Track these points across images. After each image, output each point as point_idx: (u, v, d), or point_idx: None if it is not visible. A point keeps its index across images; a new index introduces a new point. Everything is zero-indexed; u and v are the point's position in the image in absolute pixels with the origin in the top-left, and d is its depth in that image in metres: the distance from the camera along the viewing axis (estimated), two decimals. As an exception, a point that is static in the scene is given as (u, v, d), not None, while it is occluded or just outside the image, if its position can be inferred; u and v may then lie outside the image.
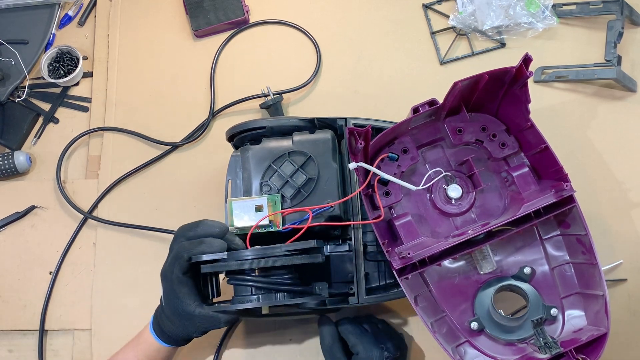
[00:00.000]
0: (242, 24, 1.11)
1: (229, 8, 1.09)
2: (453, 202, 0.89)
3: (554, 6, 1.05)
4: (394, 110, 0.99)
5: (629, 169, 0.99)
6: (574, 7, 1.05)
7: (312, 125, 0.92)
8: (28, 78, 1.09)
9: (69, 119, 1.09)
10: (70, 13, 1.13)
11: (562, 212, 0.84)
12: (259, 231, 0.85)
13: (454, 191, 0.89)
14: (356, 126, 0.89)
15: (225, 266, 0.79)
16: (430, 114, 0.89)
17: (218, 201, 0.97)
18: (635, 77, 1.02)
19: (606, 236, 0.96)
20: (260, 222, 0.84)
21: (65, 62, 1.09)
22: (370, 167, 0.83)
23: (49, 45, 1.12)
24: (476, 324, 0.86)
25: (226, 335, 0.97)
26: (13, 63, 1.09)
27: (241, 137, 0.92)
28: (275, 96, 1.04)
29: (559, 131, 1.00)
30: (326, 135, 0.90)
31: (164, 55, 1.11)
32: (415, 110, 0.86)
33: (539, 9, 1.04)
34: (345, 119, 0.93)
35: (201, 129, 1.06)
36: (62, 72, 1.09)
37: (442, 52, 1.07)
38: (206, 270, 0.80)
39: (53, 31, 1.12)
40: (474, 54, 1.06)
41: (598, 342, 0.80)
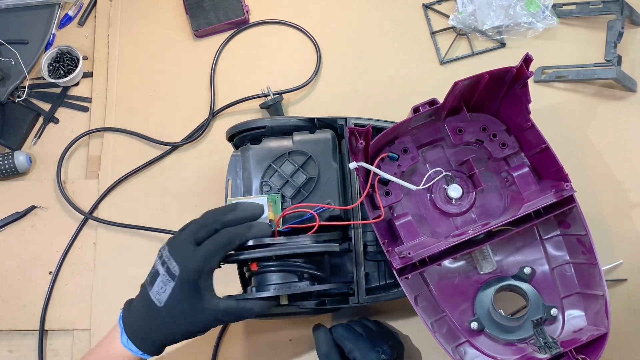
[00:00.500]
0: (242, 24, 1.11)
1: (229, 8, 1.09)
2: (453, 202, 0.90)
3: (554, 6, 1.05)
4: (394, 110, 0.99)
5: (629, 169, 0.99)
6: (574, 7, 1.05)
7: (312, 125, 0.92)
8: (28, 78, 1.09)
9: (69, 119, 1.09)
10: (70, 13, 1.13)
11: (562, 212, 0.84)
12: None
13: (454, 191, 0.89)
14: (356, 126, 0.89)
15: (281, 249, 0.76)
16: (430, 114, 0.89)
17: (218, 201, 0.97)
18: (635, 77, 1.02)
19: (606, 236, 0.96)
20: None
21: (65, 62, 1.09)
22: (370, 167, 0.83)
23: (49, 45, 1.12)
24: (476, 324, 0.86)
25: (222, 335, 0.97)
26: (13, 63, 1.09)
27: (241, 137, 0.92)
28: (275, 96, 1.04)
29: (559, 131, 1.01)
30: (326, 135, 0.90)
31: (164, 55, 1.11)
32: (416, 110, 0.86)
33: (539, 9, 1.04)
34: (346, 118, 0.93)
35: (201, 129, 1.06)
36: (62, 72, 1.09)
37: (442, 52, 1.07)
38: (255, 255, 0.76)
39: (53, 31, 1.12)
40: (474, 54, 1.06)
41: (598, 342, 0.80)
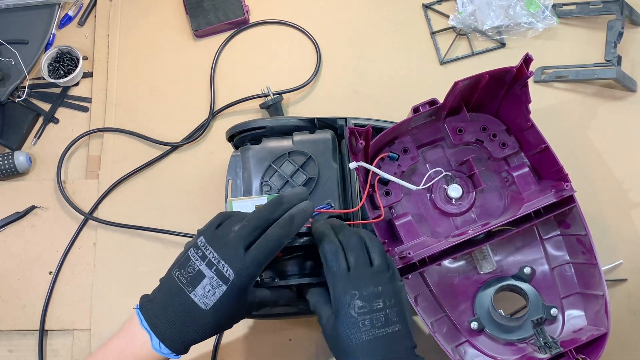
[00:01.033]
0: (242, 24, 1.11)
1: (229, 8, 1.09)
2: (453, 202, 0.90)
3: (554, 6, 1.05)
4: (394, 110, 0.99)
5: (629, 169, 0.99)
6: (574, 7, 1.05)
7: (312, 125, 0.92)
8: (28, 78, 1.09)
9: (69, 119, 1.09)
10: (70, 13, 1.13)
11: (562, 212, 0.84)
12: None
13: (454, 191, 0.89)
14: (356, 126, 0.89)
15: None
16: (430, 114, 0.89)
17: (218, 201, 0.97)
18: (635, 77, 1.02)
19: (606, 236, 0.96)
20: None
21: (65, 62, 1.09)
22: (370, 167, 0.83)
23: (49, 45, 1.12)
24: (476, 323, 0.86)
25: (221, 335, 0.97)
26: (13, 63, 1.09)
27: (241, 137, 0.92)
28: (275, 96, 1.04)
29: (559, 131, 1.01)
30: (326, 135, 0.90)
31: (164, 55, 1.11)
32: (416, 110, 0.86)
33: (539, 9, 1.04)
34: (346, 118, 0.93)
35: (201, 129, 1.06)
36: (62, 72, 1.09)
37: (442, 52, 1.07)
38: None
39: (53, 31, 1.12)
40: (474, 54, 1.06)
41: (598, 342, 0.80)
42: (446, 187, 0.89)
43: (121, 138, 1.07)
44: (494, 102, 0.89)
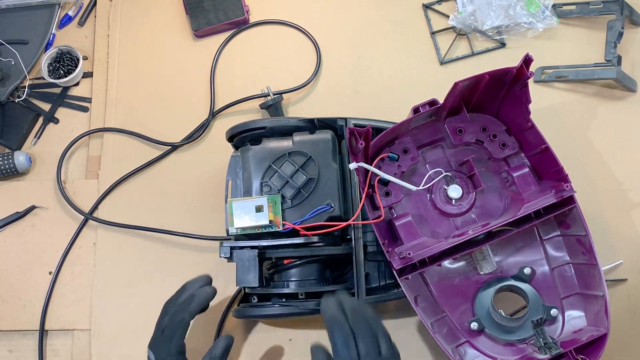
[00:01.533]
0: (242, 24, 1.11)
1: (229, 8, 1.09)
2: (453, 203, 0.90)
3: (554, 6, 1.05)
4: (394, 110, 0.99)
5: (629, 169, 0.99)
6: (574, 7, 1.05)
7: (312, 125, 0.92)
8: (28, 78, 1.09)
9: (69, 119, 1.09)
10: (70, 13, 1.13)
11: (562, 212, 0.84)
12: (258, 231, 0.85)
13: (454, 191, 0.89)
14: (356, 126, 0.89)
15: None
16: (430, 114, 0.89)
17: (218, 201, 0.97)
18: (635, 77, 1.02)
19: (606, 236, 0.96)
20: (260, 222, 0.84)
21: (65, 62, 1.09)
22: (370, 168, 0.83)
23: (49, 45, 1.12)
24: (476, 324, 0.86)
25: (219, 334, 0.97)
26: (13, 63, 1.09)
27: (241, 138, 0.92)
28: (275, 96, 1.04)
29: (559, 131, 1.00)
30: (326, 135, 0.90)
31: (164, 55, 1.11)
32: (416, 110, 0.86)
33: (539, 9, 1.04)
34: (346, 119, 0.93)
35: (201, 129, 1.06)
36: (62, 72, 1.09)
37: (442, 52, 1.07)
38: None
39: (53, 31, 1.12)
40: (474, 54, 1.06)
41: (598, 342, 0.80)
42: (446, 187, 0.89)
43: (121, 138, 1.07)
44: (494, 102, 0.89)
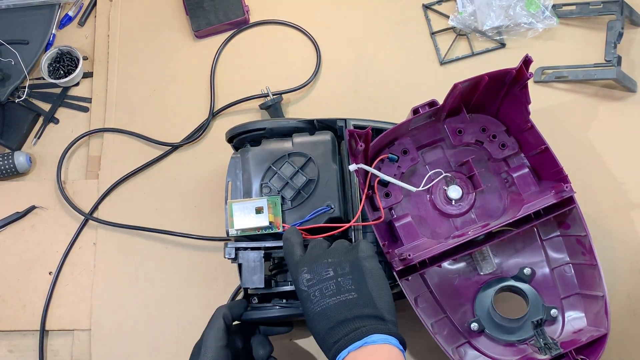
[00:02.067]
0: (242, 24, 1.11)
1: (229, 8, 1.09)
2: (453, 203, 0.90)
3: (554, 6, 1.04)
4: (394, 110, 0.99)
5: (629, 169, 0.99)
6: (574, 7, 1.05)
7: (312, 126, 0.92)
8: (28, 78, 1.09)
9: (69, 119, 1.09)
10: (70, 13, 1.13)
11: (562, 213, 0.84)
12: (259, 232, 0.85)
13: (454, 192, 0.89)
14: (356, 127, 0.89)
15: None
16: (430, 115, 0.89)
17: (218, 202, 0.97)
18: (635, 77, 1.02)
19: (606, 237, 0.96)
20: (260, 224, 0.84)
21: (65, 62, 1.09)
22: (370, 169, 0.83)
23: (49, 45, 1.12)
24: (476, 324, 0.86)
25: None
26: (13, 63, 1.09)
27: (241, 139, 0.92)
28: (274, 96, 1.04)
29: (559, 132, 1.00)
30: (326, 136, 0.90)
31: (164, 55, 1.11)
32: (416, 111, 0.86)
33: (539, 9, 1.04)
34: (345, 120, 0.93)
35: (201, 129, 1.06)
36: (62, 72, 1.09)
37: (442, 52, 1.07)
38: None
39: (53, 31, 1.12)
40: (474, 55, 1.06)
41: (598, 342, 0.80)
42: (446, 188, 0.89)
43: (121, 138, 1.07)
44: (493, 103, 0.89)
